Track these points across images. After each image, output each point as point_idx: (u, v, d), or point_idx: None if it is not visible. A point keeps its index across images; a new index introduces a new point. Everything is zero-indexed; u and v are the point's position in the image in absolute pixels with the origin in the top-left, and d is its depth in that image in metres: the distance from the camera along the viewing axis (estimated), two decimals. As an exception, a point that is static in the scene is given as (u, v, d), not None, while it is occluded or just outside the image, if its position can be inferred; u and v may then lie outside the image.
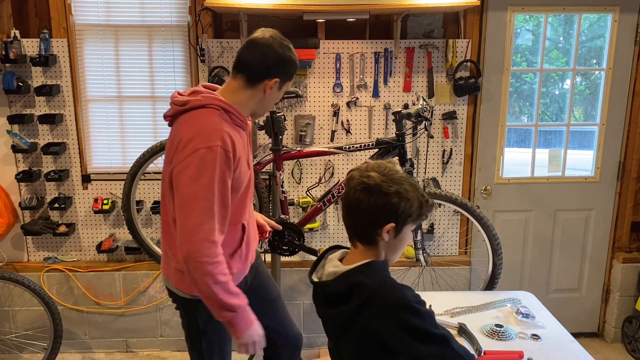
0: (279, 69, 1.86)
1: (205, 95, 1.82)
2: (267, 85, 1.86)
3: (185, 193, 1.71)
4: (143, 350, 3.52)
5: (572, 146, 3.57)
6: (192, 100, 1.81)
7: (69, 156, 3.31)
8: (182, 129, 1.79)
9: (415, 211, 1.42)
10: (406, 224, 1.43)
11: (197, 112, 1.79)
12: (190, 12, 3.18)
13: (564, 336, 2.09)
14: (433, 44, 3.24)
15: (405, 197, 1.39)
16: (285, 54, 1.87)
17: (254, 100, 1.90)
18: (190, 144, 1.71)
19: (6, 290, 3.32)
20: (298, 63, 1.94)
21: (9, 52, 3.03)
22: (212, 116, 1.77)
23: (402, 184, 1.40)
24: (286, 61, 1.88)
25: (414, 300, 1.36)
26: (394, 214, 1.40)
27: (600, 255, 3.64)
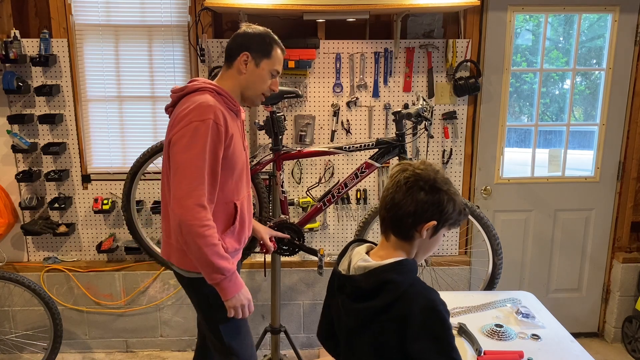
0: (247, 42, 2.01)
1: (201, 81, 1.99)
2: (239, 61, 2.01)
3: (178, 161, 1.85)
4: (143, 350, 3.52)
5: (572, 146, 3.57)
6: (188, 86, 1.98)
7: (69, 156, 3.31)
8: (177, 109, 1.94)
9: (455, 215, 1.44)
10: (444, 226, 1.44)
11: (193, 94, 1.95)
12: (190, 12, 3.18)
13: (564, 336, 2.09)
14: (433, 44, 3.24)
15: (452, 199, 1.41)
16: (253, 31, 2.03)
17: (236, 82, 2.04)
18: (185, 117, 1.87)
19: (6, 290, 3.32)
20: (271, 38, 2.05)
21: (9, 52, 3.03)
22: (206, 96, 1.92)
23: (451, 186, 1.43)
24: (253, 36, 2.02)
25: (443, 307, 1.35)
26: (439, 213, 1.40)
27: (600, 255, 3.64)
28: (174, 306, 3.45)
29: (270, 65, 2.05)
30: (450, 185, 1.43)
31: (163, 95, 3.30)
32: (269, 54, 2.03)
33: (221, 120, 1.88)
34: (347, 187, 2.79)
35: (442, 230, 1.45)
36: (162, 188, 2.04)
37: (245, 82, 2.04)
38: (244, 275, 3.40)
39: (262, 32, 2.05)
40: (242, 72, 2.03)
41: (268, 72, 2.05)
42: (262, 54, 2.02)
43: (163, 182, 2.02)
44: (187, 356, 3.49)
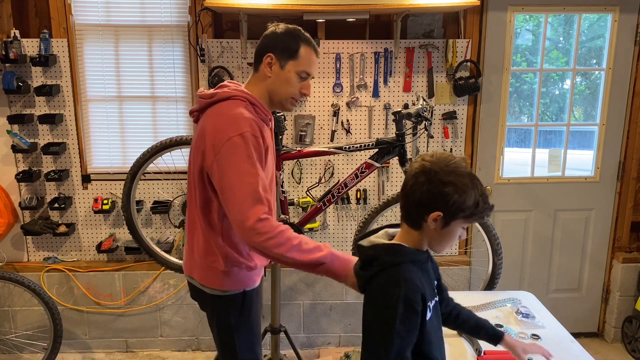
0: (271, 43, 1.86)
1: (232, 88, 1.86)
2: (264, 64, 1.87)
3: (225, 183, 1.72)
4: (143, 350, 3.52)
5: (572, 146, 3.57)
6: (219, 92, 1.84)
7: (69, 156, 3.31)
8: (210, 120, 1.81)
9: (469, 208, 1.42)
10: (456, 218, 1.43)
11: (224, 103, 1.82)
12: (190, 12, 3.18)
13: (564, 336, 2.09)
14: (433, 44, 3.24)
15: (460, 190, 1.40)
16: (279, 30, 1.86)
17: (263, 87, 1.89)
18: (220, 133, 1.73)
19: (6, 290, 3.32)
20: (298, 37, 1.86)
21: (9, 52, 3.03)
22: (238, 106, 1.80)
23: (462, 178, 1.41)
24: (278, 35, 1.86)
25: (402, 297, 1.39)
26: (443, 204, 1.41)
27: (600, 255, 3.64)
28: (174, 306, 3.45)
29: (297, 67, 1.86)
30: (462, 176, 1.41)
31: (163, 95, 3.30)
32: (295, 54, 1.85)
33: (258, 132, 1.76)
34: (347, 187, 2.79)
35: (455, 223, 1.44)
36: (189, 201, 1.93)
37: (271, 87, 1.88)
38: (244, 275, 3.40)
39: (287, 30, 1.87)
40: (267, 76, 1.87)
41: (295, 74, 1.86)
42: (287, 54, 1.85)
43: (190, 195, 1.91)
44: (187, 356, 3.49)
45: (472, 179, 1.43)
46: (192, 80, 3.27)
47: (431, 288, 1.55)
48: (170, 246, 3.33)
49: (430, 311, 1.49)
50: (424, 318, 1.46)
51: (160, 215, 3.36)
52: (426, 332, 1.48)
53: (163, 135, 3.17)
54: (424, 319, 1.46)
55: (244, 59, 3.19)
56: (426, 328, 1.48)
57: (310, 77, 1.91)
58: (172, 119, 3.34)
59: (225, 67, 3.17)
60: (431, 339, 1.51)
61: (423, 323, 1.46)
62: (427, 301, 1.47)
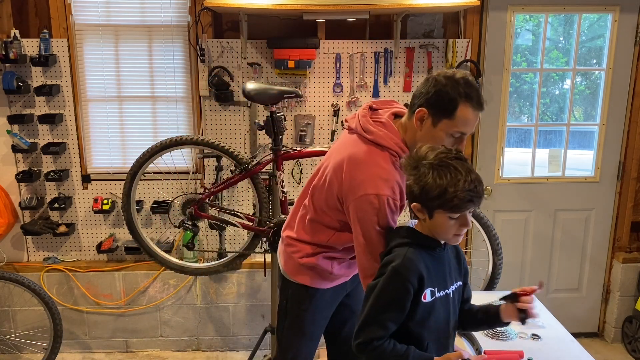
0: (428, 94, 1.68)
1: (389, 132, 1.76)
2: (416, 116, 1.71)
3: (355, 234, 1.76)
4: (143, 350, 3.52)
5: (572, 146, 3.57)
6: (376, 133, 1.76)
7: (69, 156, 3.30)
8: (355, 163, 1.76)
9: (436, 200, 1.46)
10: (432, 209, 1.49)
11: (374, 149, 1.75)
12: (190, 12, 3.18)
13: (564, 336, 2.09)
14: (433, 44, 3.24)
15: (424, 183, 1.47)
16: (439, 82, 1.67)
17: (413, 136, 1.76)
18: (362, 186, 1.71)
19: (6, 290, 3.32)
20: (460, 93, 1.65)
21: (9, 52, 3.02)
22: (387, 163, 1.73)
23: (430, 171, 1.46)
24: (437, 88, 1.67)
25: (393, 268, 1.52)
26: (415, 197, 1.51)
27: (600, 255, 3.64)
28: (174, 306, 3.45)
29: (452, 127, 1.66)
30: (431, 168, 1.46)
31: (163, 95, 3.30)
32: (451, 114, 1.65)
33: (397, 194, 1.73)
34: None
35: (437, 214, 1.49)
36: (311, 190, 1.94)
37: (420, 140, 1.72)
38: (244, 275, 3.40)
39: (448, 85, 1.65)
40: (415, 129, 1.73)
41: (447, 134, 1.68)
42: (442, 112, 1.66)
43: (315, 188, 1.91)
44: (187, 356, 3.49)
45: (442, 170, 1.46)
46: (192, 80, 3.27)
47: (442, 278, 1.59)
48: (170, 246, 3.33)
49: (431, 297, 1.54)
50: (417, 298, 1.52)
51: (160, 215, 3.36)
52: (418, 313, 1.54)
53: (163, 135, 3.17)
54: (417, 300, 1.52)
55: (244, 59, 3.19)
56: (420, 310, 1.53)
57: (464, 135, 1.72)
58: (172, 119, 3.34)
59: (225, 67, 3.17)
60: (426, 323, 1.56)
61: (416, 303, 1.52)
62: (427, 286, 1.53)
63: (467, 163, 1.50)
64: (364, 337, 1.53)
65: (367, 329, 1.53)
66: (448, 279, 1.62)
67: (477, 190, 1.47)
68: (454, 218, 1.49)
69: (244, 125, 3.29)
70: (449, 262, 1.64)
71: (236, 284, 3.41)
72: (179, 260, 3.14)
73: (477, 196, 1.47)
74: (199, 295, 3.43)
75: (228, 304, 3.45)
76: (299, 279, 2.00)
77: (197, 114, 3.29)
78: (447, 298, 1.61)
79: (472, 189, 1.45)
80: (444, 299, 1.60)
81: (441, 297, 1.59)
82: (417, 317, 1.54)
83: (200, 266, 3.16)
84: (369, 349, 1.52)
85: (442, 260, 1.61)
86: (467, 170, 1.47)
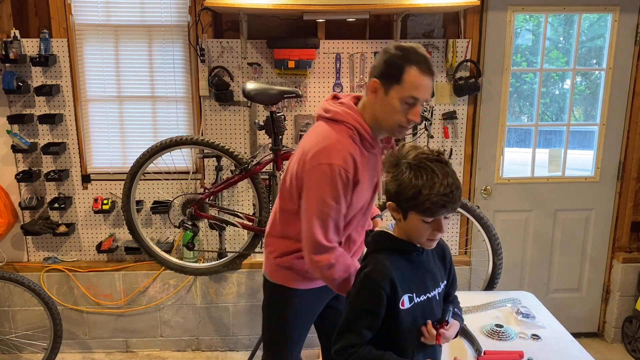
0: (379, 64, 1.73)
1: (346, 109, 1.80)
2: (370, 88, 1.76)
3: (305, 203, 1.79)
4: (143, 350, 3.52)
5: (572, 146, 3.57)
6: (333, 111, 1.81)
7: (69, 156, 3.31)
8: (311, 137, 1.83)
9: (410, 201, 1.43)
10: (406, 209, 1.46)
11: (332, 125, 1.80)
12: (190, 12, 3.18)
13: (564, 336, 2.09)
14: (433, 44, 3.24)
15: (400, 182, 1.44)
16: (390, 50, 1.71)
17: (371, 112, 1.79)
18: (315, 157, 1.74)
19: (6, 290, 3.32)
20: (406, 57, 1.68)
21: (9, 52, 3.02)
22: (342, 136, 1.76)
23: (408, 171, 1.43)
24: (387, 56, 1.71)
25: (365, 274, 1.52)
26: (388, 193, 1.50)
27: (600, 255, 3.64)
28: (174, 306, 3.45)
29: (403, 92, 1.68)
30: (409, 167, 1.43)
31: (163, 95, 3.30)
32: (398, 78, 1.68)
33: (350, 166, 1.74)
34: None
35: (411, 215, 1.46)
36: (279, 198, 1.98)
37: (377, 112, 1.76)
38: (244, 275, 3.40)
39: (395, 54, 1.69)
40: (372, 102, 1.76)
41: (400, 101, 1.69)
42: (391, 79, 1.69)
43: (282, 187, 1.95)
44: (187, 356, 3.49)
45: (420, 171, 1.42)
46: (192, 80, 3.27)
47: (421, 283, 1.56)
48: (170, 246, 3.33)
49: (410, 303, 1.51)
50: (395, 306, 1.49)
51: (160, 215, 3.36)
52: (399, 322, 1.51)
53: (163, 135, 3.17)
54: (395, 307, 1.49)
55: (244, 59, 3.19)
56: (400, 317, 1.50)
57: (421, 101, 1.72)
58: (172, 119, 3.34)
59: (225, 67, 3.17)
60: (408, 330, 1.53)
61: (395, 311, 1.50)
62: (403, 292, 1.50)
63: (448, 167, 1.44)
64: (340, 344, 1.53)
65: (343, 336, 1.53)
66: (430, 282, 1.58)
67: (452, 196, 1.41)
68: (428, 222, 1.45)
69: (244, 125, 3.29)
70: (431, 264, 1.59)
71: (236, 284, 3.41)
72: (179, 260, 3.14)
73: (450, 202, 1.42)
74: (199, 295, 3.43)
75: (228, 304, 3.45)
76: (276, 279, 2.01)
77: (197, 114, 3.30)
78: (429, 302, 1.57)
79: (446, 193, 1.40)
80: (425, 304, 1.56)
81: (422, 302, 1.55)
82: (397, 325, 1.51)
83: (200, 266, 3.16)
84: (346, 355, 1.51)
85: (421, 265, 1.56)
86: (445, 174, 1.41)
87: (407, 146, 1.50)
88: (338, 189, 1.73)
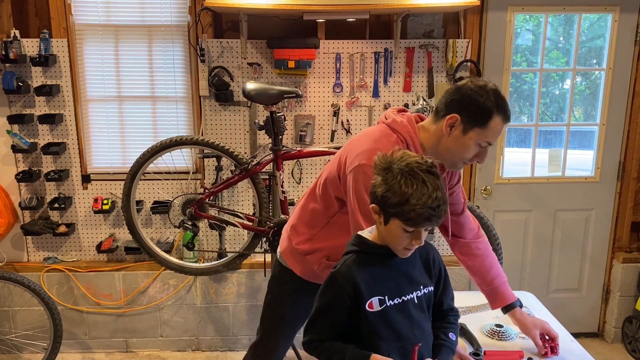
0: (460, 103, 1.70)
1: (405, 122, 1.77)
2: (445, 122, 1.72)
3: (351, 205, 1.76)
4: (143, 350, 3.52)
5: (572, 146, 3.57)
6: (394, 119, 1.78)
7: (69, 156, 3.31)
8: (362, 136, 1.82)
9: (395, 207, 1.40)
10: (389, 215, 1.43)
11: (385, 131, 1.77)
12: (190, 12, 3.18)
13: (564, 336, 2.08)
14: (433, 44, 3.24)
15: (389, 187, 1.40)
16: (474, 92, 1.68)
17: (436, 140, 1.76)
18: (359, 157, 1.72)
19: (6, 290, 3.32)
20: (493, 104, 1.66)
21: (9, 52, 3.02)
22: (390, 143, 1.72)
23: (399, 177, 1.40)
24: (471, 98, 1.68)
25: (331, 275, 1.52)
26: (374, 196, 1.45)
27: (600, 255, 3.64)
28: (174, 306, 3.45)
29: (482, 137, 1.69)
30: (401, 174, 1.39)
31: (163, 95, 3.30)
32: (484, 123, 1.67)
33: None
34: (347, 187, 2.78)
35: (393, 222, 1.43)
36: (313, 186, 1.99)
37: (445, 145, 1.74)
38: (244, 275, 3.40)
39: (483, 96, 1.66)
40: (444, 134, 1.72)
41: (476, 143, 1.70)
42: (476, 121, 1.67)
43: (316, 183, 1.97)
44: (187, 356, 3.49)
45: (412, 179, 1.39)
46: (192, 80, 3.27)
47: (394, 286, 1.54)
48: (170, 246, 3.33)
49: (380, 306, 1.51)
50: (360, 308, 1.49)
51: (160, 215, 3.36)
52: (371, 324, 1.51)
53: (163, 135, 3.17)
54: (360, 309, 1.49)
55: (244, 59, 3.19)
56: (370, 319, 1.50)
57: (490, 145, 1.73)
58: (172, 119, 3.34)
59: (225, 67, 3.17)
60: (380, 333, 1.52)
61: (361, 312, 1.50)
62: (369, 295, 1.49)
63: (439, 180, 1.42)
64: (306, 337, 1.57)
65: (309, 330, 1.57)
66: (405, 285, 1.55)
67: (438, 210, 1.39)
68: (408, 231, 1.43)
69: (244, 125, 3.29)
70: (408, 267, 1.57)
71: (236, 284, 3.41)
72: (179, 260, 3.14)
73: (436, 216, 1.40)
74: (199, 295, 3.43)
75: (228, 304, 3.45)
76: (289, 263, 2.04)
77: (197, 114, 3.30)
78: (405, 305, 1.54)
79: (433, 207, 1.38)
80: (399, 307, 1.54)
81: (396, 305, 1.53)
82: (367, 326, 1.50)
83: (200, 266, 3.16)
84: (312, 347, 1.57)
85: (396, 267, 1.54)
86: (436, 187, 1.39)
87: (400, 152, 1.47)
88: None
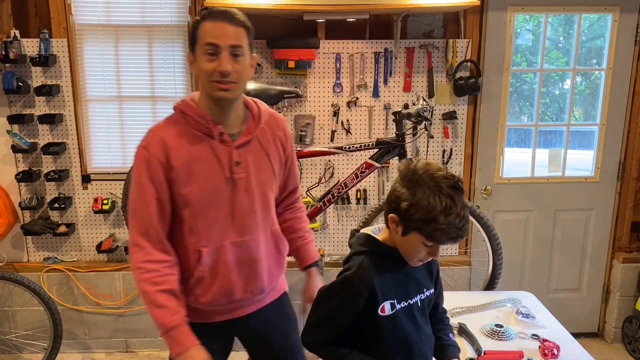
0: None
1: (184, 98, 1.71)
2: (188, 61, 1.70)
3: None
4: (143, 351, 3.52)
5: (572, 146, 3.57)
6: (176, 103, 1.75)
7: (68, 156, 3.31)
8: None
9: (419, 222, 1.37)
10: (411, 228, 1.40)
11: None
12: (190, 12, 3.18)
13: (564, 336, 2.09)
14: (433, 44, 3.24)
15: (415, 202, 1.36)
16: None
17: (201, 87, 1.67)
18: None
19: (6, 290, 3.32)
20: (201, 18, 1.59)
21: (9, 52, 3.03)
22: (166, 119, 1.70)
23: (426, 192, 1.35)
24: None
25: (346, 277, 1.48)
26: (398, 209, 1.40)
27: (600, 255, 3.64)
28: (174, 306, 3.45)
29: (201, 46, 1.58)
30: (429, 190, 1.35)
31: (163, 95, 3.30)
32: (195, 39, 1.60)
33: (158, 150, 1.61)
34: (347, 187, 2.79)
35: (413, 235, 1.40)
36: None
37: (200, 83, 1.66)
38: (244, 275, 3.40)
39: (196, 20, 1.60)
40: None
41: (204, 55, 1.57)
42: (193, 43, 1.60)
43: None
44: (187, 356, 3.48)
45: (440, 197, 1.35)
46: (192, 80, 3.27)
47: (403, 289, 1.53)
48: (170, 246, 3.33)
49: (391, 310, 1.49)
50: (373, 312, 1.47)
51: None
52: (381, 329, 1.49)
53: (163, 135, 3.17)
54: (374, 313, 1.47)
55: (244, 59, 3.19)
56: (380, 324, 1.48)
57: (225, 48, 1.54)
58: (172, 119, 3.33)
59: (225, 67, 3.17)
60: (389, 338, 1.50)
61: (374, 317, 1.47)
62: (383, 299, 1.47)
63: (463, 196, 1.39)
64: (308, 338, 1.55)
65: (311, 331, 1.54)
66: (412, 289, 1.55)
67: (463, 230, 1.38)
68: (428, 245, 1.42)
69: (244, 125, 3.29)
70: (415, 271, 1.56)
71: (236, 284, 3.41)
72: (179, 260, 3.14)
73: (460, 236, 1.38)
74: (199, 295, 3.43)
75: (228, 304, 3.45)
76: None
77: (197, 114, 3.29)
78: (410, 309, 1.54)
79: (460, 226, 1.36)
80: (406, 310, 1.53)
81: (403, 308, 1.52)
82: (378, 332, 1.49)
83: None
84: (315, 349, 1.55)
85: (405, 271, 1.53)
86: (462, 205, 1.37)
87: (423, 162, 1.42)
88: (144, 174, 1.65)
